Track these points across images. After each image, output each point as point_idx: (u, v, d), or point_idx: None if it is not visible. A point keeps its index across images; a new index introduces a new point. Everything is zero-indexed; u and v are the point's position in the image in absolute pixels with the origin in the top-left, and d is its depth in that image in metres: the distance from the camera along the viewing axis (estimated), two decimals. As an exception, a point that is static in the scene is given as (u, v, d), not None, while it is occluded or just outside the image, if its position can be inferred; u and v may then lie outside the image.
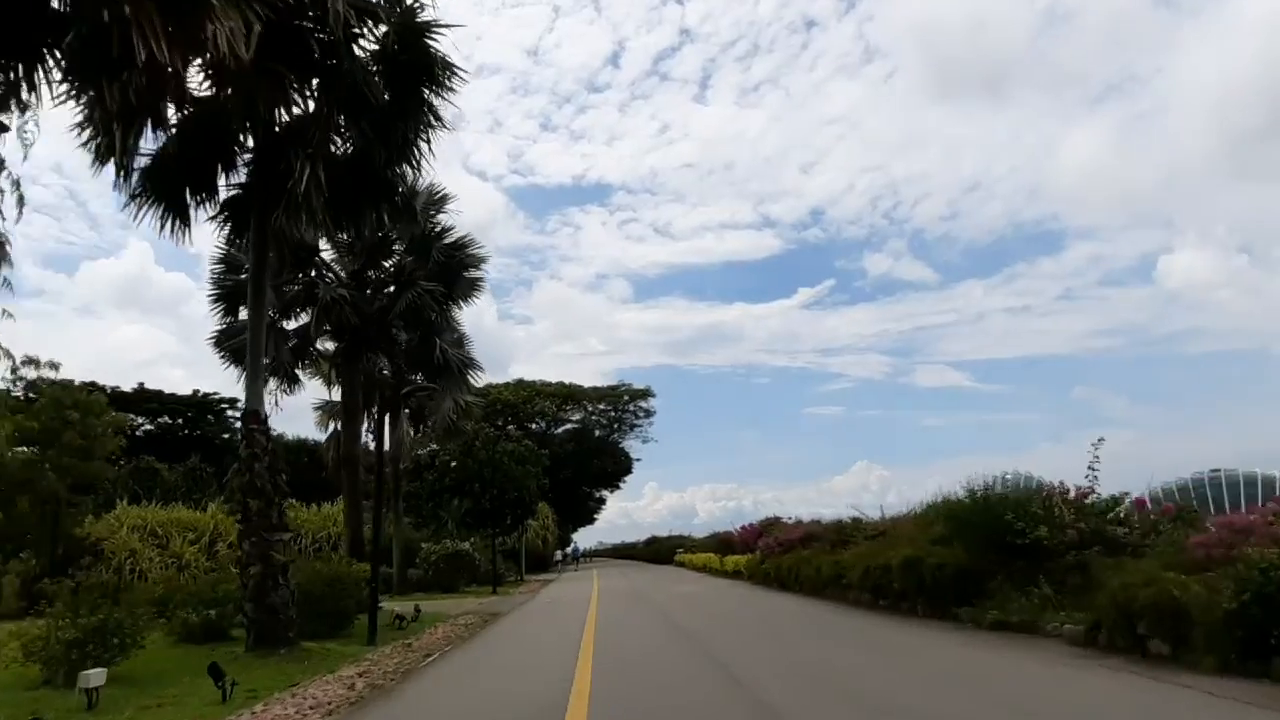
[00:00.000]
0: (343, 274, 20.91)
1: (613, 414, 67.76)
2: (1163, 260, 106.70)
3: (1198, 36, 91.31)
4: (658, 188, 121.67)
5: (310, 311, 21.10)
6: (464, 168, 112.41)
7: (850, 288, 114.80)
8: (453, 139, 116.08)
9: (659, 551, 59.28)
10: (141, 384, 59.33)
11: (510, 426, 52.19)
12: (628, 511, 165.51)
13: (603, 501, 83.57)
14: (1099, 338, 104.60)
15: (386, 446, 30.33)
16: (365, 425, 23.20)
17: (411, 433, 29.67)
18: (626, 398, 65.91)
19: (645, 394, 66.28)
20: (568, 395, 63.09)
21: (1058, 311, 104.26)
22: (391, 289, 20.95)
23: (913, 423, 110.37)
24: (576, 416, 67.93)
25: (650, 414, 67.27)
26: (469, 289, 21.71)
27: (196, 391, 58.40)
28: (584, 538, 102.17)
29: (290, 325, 21.23)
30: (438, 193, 20.97)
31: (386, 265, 21.15)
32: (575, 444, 68.08)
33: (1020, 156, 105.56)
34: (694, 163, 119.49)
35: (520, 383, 62.70)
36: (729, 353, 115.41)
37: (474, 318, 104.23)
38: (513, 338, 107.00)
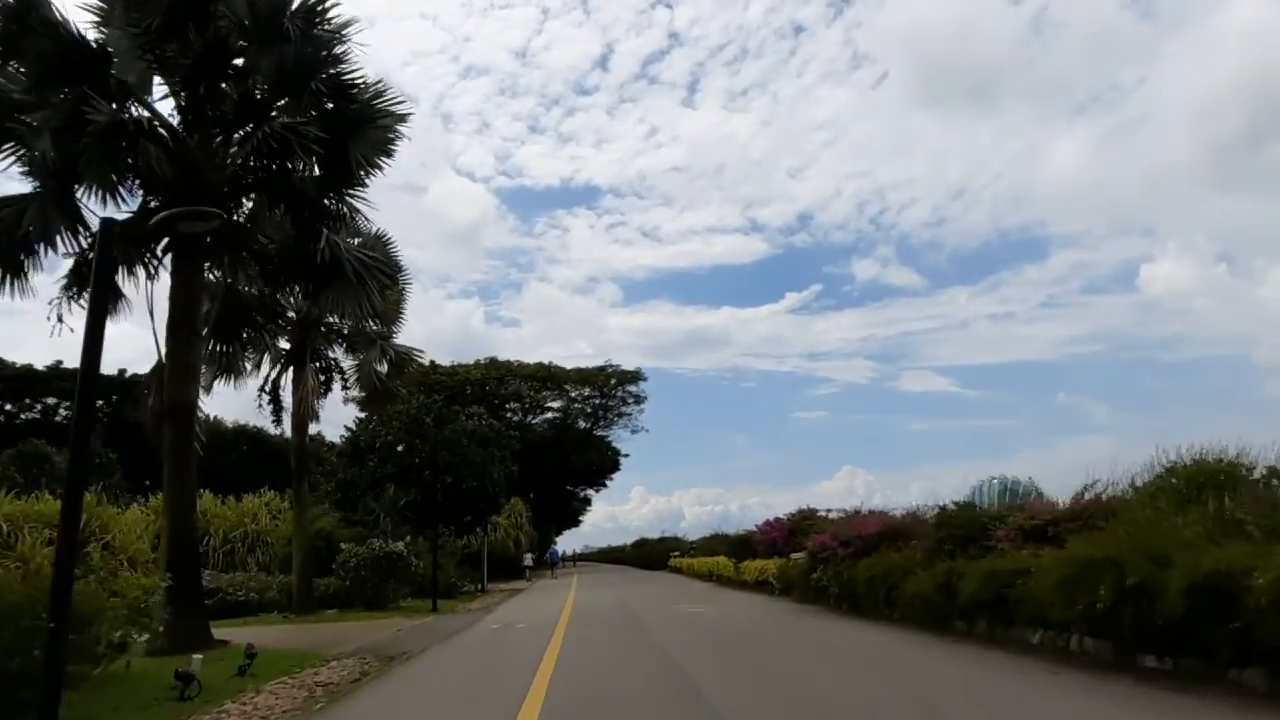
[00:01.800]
0: (172, 119, 13.29)
1: (598, 400, 60.15)
2: (1144, 268, 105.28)
3: (1180, 48, 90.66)
4: (646, 191, 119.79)
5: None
6: (454, 169, 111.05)
7: (837, 293, 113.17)
8: (441, 139, 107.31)
9: (650, 555, 51.69)
10: (59, 362, 51.61)
11: (478, 408, 44.51)
12: (614, 515, 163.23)
13: (587, 502, 76.69)
14: (1082, 344, 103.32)
15: (290, 411, 22.75)
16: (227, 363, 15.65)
17: (321, 390, 22.02)
18: (614, 381, 58.31)
19: (635, 377, 58.69)
20: (547, 377, 55.41)
21: (1041, 318, 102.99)
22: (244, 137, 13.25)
23: (898, 427, 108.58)
24: (557, 404, 60.31)
25: (640, 400, 59.76)
26: (376, 149, 14.05)
27: (123, 372, 50.56)
28: (569, 541, 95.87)
29: (114, 213, 13.59)
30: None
31: (231, 95, 13.36)
32: (556, 434, 60.51)
33: (1005, 164, 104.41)
34: (682, 166, 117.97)
35: (493, 362, 54.98)
36: (716, 357, 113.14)
37: (460, 319, 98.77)
38: (500, 340, 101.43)
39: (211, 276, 14.79)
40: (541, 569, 47.82)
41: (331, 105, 13.78)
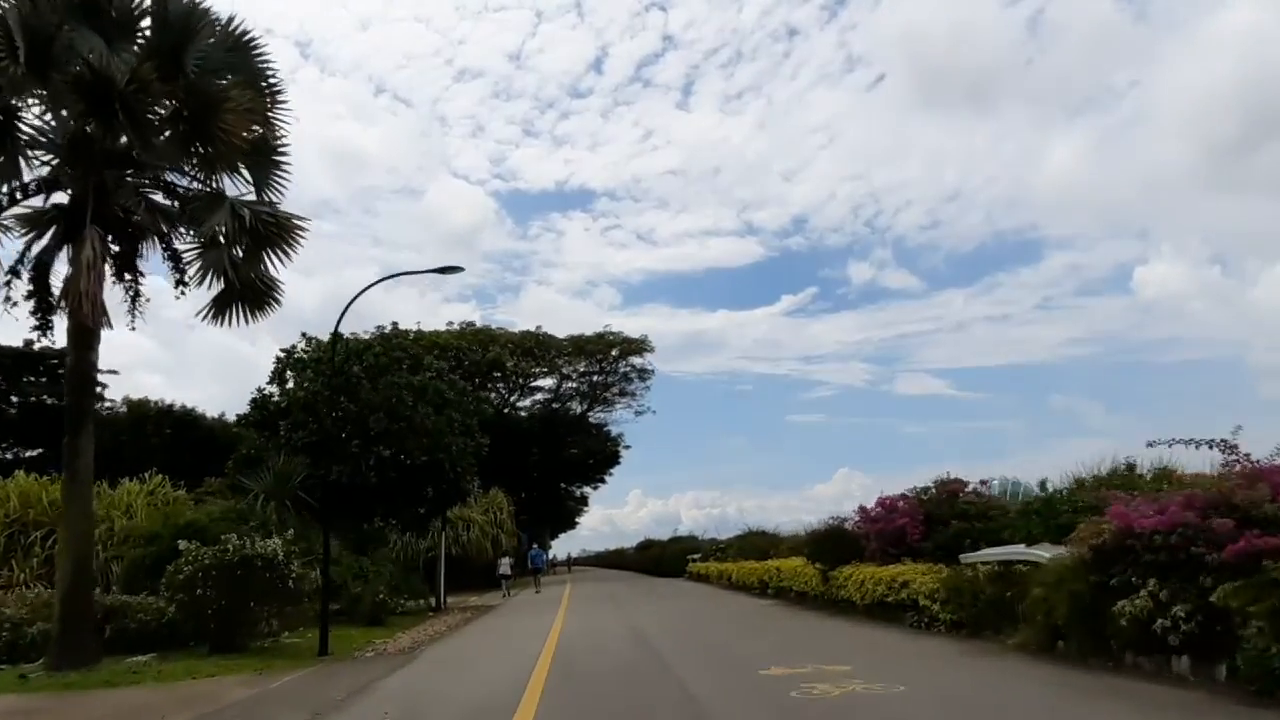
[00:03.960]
0: None
1: (596, 376, 50.86)
2: (1138, 271, 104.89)
3: (1175, 51, 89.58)
4: (641, 194, 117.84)
5: None
6: (450, 172, 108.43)
7: (832, 295, 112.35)
8: (439, 143, 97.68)
9: (660, 559, 42.26)
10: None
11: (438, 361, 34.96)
12: (611, 519, 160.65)
13: (584, 501, 67.90)
14: (1076, 346, 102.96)
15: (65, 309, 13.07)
16: None
17: (118, 270, 12.71)
18: (615, 352, 48.98)
19: (640, 347, 49.24)
20: (535, 344, 46.01)
21: (1036, 320, 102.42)
22: None
23: (893, 430, 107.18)
24: (548, 381, 51.00)
25: (646, 375, 50.47)
26: None
27: (29, 343, 40.77)
28: (564, 545, 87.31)
29: None
30: None
31: None
32: (547, 416, 51.35)
33: (999, 166, 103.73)
34: (676, 169, 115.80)
35: (471, 328, 45.57)
36: (712, 360, 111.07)
37: (456, 321, 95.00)
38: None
39: None
40: (526, 577, 38.33)
41: None
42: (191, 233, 13.71)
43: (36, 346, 40.75)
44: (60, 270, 13.00)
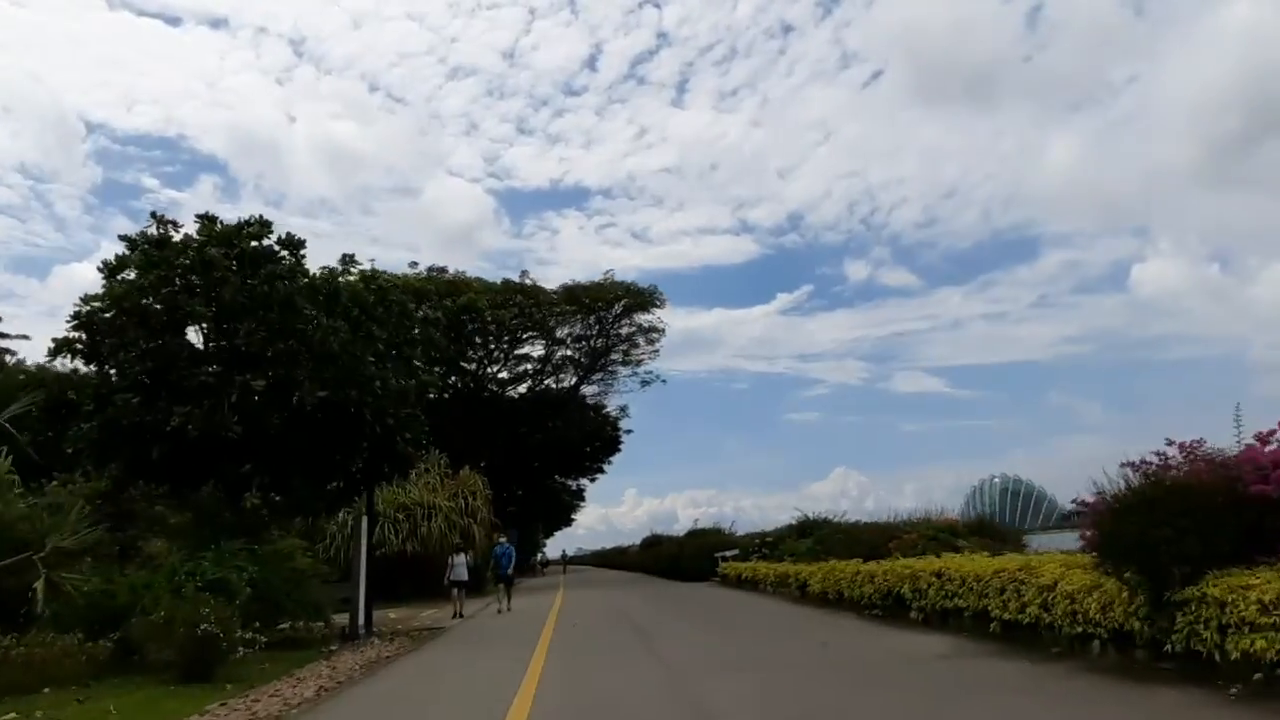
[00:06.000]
0: None
1: (595, 339, 42.33)
2: (1136, 268, 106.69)
3: (1174, 47, 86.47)
4: (636, 192, 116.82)
5: None
6: (446, 170, 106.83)
7: (828, 293, 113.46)
8: (432, 141, 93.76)
9: (678, 558, 33.52)
10: None
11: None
12: (607, 517, 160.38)
13: (580, 496, 60.12)
14: (1073, 344, 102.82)
15: None
16: None
17: None
18: (620, 307, 40.40)
19: (650, 300, 40.65)
20: (519, 294, 37.32)
21: (1033, 318, 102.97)
22: None
23: (890, 428, 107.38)
24: (537, 349, 42.44)
25: (656, 335, 41.97)
26: None
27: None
28: (559, 543, 79.53)
29: None
30: None
31: None
32: (534, 394, 42.99)
33: (997, 163, 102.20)
34: (671, 167, 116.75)
35: (440, 274, 36.87)
36: (708, 358, 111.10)
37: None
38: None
39: None
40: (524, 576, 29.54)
41: None
42: None
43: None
44: None
